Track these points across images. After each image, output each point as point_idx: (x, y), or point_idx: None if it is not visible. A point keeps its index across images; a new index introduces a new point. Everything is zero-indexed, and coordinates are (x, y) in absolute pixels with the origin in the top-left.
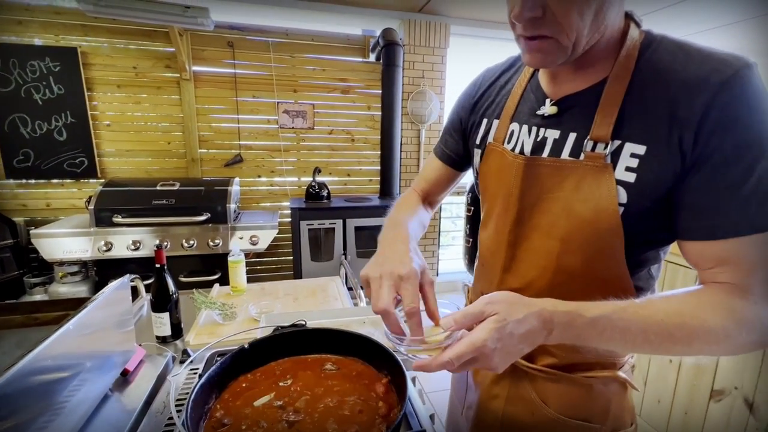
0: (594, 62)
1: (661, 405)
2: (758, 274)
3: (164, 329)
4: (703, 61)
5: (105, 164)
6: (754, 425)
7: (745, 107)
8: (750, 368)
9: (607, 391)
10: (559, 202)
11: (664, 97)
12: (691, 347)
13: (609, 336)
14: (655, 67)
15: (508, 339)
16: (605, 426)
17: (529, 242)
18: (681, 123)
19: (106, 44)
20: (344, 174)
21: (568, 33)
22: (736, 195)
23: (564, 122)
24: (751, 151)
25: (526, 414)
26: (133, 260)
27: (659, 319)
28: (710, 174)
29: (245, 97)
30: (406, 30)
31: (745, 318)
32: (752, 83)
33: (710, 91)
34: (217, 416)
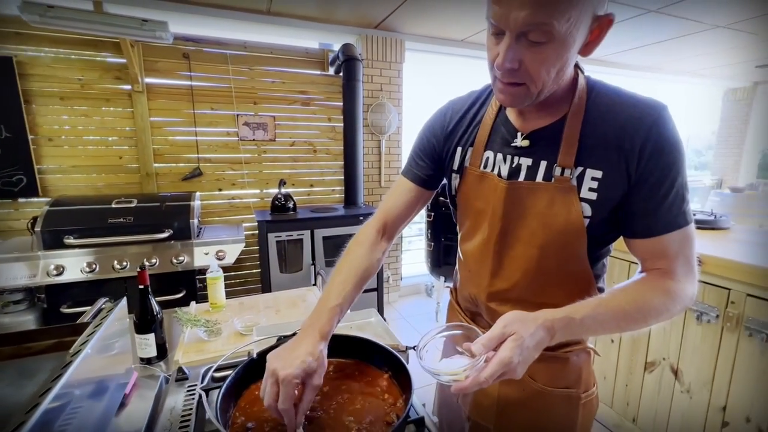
0: (554, 103)
1: (606, 381)
2: (679, 260)
3: (149, 350)
4: (634, 105)
5: (47, 182)
6: (679, 388)
7: (667, 140)
8: (674, 340)
9: (579, 361)
10: (537, 217)
11: (612, 132)
12: (647, 322)
13: (594, 329)
14: (600, 108)
15: (527, 351)
16: (579, 389)
17: (513, 251)
18: (626, 153)
19: (45, 54)
20: (307, 185)
21: (537, 83)
22: (664, 204)
23: (535, 152)
24: (672, 172)
25: (518, 390)
26: (89, 283)
27: (623, 308)
28: (647, 190)
29: (203, 109)
30: (363, 45)
31: (675, 294)
32: (669, 122)
33: (645, 129)
34: (239, 422)
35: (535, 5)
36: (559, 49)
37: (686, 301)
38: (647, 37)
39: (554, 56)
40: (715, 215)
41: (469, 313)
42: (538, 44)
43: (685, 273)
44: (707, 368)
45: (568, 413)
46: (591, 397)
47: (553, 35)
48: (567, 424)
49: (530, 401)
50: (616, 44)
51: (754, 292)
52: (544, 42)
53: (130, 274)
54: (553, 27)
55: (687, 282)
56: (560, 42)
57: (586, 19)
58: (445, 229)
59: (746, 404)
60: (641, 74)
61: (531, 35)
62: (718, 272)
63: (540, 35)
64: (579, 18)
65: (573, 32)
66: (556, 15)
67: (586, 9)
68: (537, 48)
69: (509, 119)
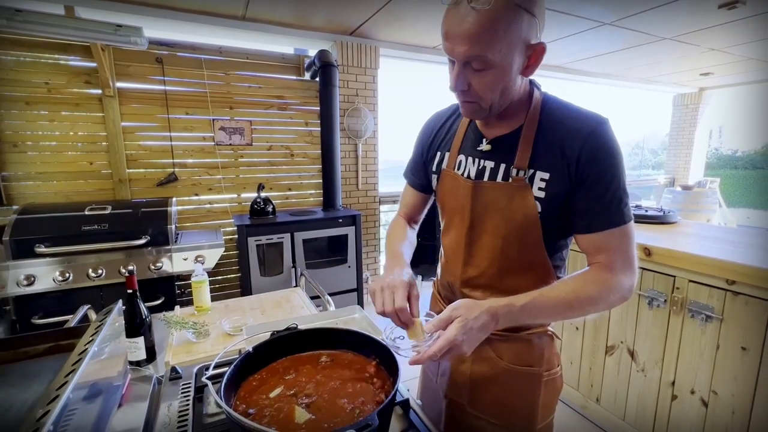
0: (512, 114)
1: (573, 365)
2: (618, 254)
3: (139, 354)
4: (577, 118)
5: (12, 189)
6: (635, 368)
7: (602, 149)
8: (630, 325)
9: (541, 343)
10: (499, 212)
11: (558, 140)
12: (584, 310)
13: (535, 315)
14: (551, 120)
15: (470, 332)
16: (542, 368)
17: (481, 242)
18: (568, 158)
19: (9, 57)
20: (285, 189)
21: (485, 101)
22: (601, 203)
23: (496, 156)
24: (607, 176)
25: (487, 369)
26: (62, 293)
27: (562, 298)
28: (586, 191)
29: (178, 114)
30: (339, 51)
31: (612, 285)
32: (606, 133)
33: (582, 138)
34: (241, 409)
35: (470, 42)
36: (498, 73)
37: (623, 292)
38: (603, 47)
39: (495, 80)
40: (664, 211)
41: (447, 300)
42: (480, 71)
43: (623, 266)
44: (658, 348)
45: (531, 389)
46: (554, 377)
47: (490, 63)
48: (530, 399)
49: (498, 378)
50: (575, 53)
51: (695, 278)
52: (484, 69)
53: (107, 282)
54: (487, 57)
55: (624, 274)
56: (498, 68)
57: (518, 49)
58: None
59: (691, 378)
60: (599, 80)
61: (473, 64)
62: (666, 261)
63: (479, 64)
64: (510, 48)
65: (507, 60)
66: (488, 48)
67: (515, 41)
68: (480, 73)
69: (477, 127)
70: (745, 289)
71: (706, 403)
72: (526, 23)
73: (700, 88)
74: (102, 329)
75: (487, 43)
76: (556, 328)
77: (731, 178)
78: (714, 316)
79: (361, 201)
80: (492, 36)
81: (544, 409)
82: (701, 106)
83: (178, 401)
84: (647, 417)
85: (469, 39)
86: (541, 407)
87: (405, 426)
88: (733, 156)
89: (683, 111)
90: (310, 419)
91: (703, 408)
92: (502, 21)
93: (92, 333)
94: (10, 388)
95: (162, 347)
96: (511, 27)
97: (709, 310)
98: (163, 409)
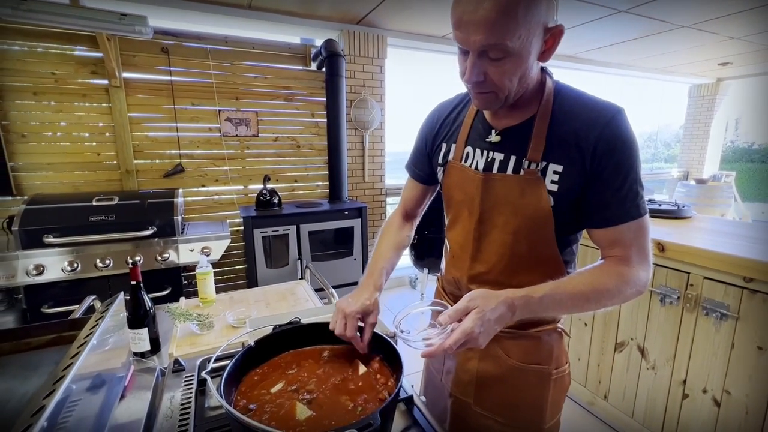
0: (523, 104)
1: (580, 361)
2: (634, 248)
3: (143, 345)
4: (592, 108)
5: (21, 179)
6: (645, 365)
7: (619, 139)
8: (640, 322)
9: (551, 340)
10: (509, 206)
11: (572, 132)
12: (601, 303)
13: (552, 308)
14: (565, 110)
15: (488, 323)
16: (551, 366)
17: (490, 237)
18: (583, 150)
19: (16, 47)
20: (291, 180)
21: (503, 90)
22: (618, 196)
23: (506, 148)
24: (624, 168)
25: (494, 367)
26: (70, 282)
27: (579, 290)
28: (602, 184)
29: (184, 104)
30: (345, 40)
31: (629, 278)
32: (623, 123)
33: (598, 129)
34: (242, 404)
35: (487, 30)
36: (516, 61)
37: (639, 285)
38: (617, 35)
39: (513, 68)
40: (678, 205)
41: (453, 296)
42: (498, 59)
43: (639, 259)
44: (669, 346)
45: (539, 388)
46: (562, 374)
47: (509, 51)
48: (539, 398)
49: (505, 376)
50: (588, 42)
51: (710, 275)
52: (502, 57)
53: (114, 272)
54: (506, 45)
55: (640, 268)
56: (516, 55)
57: (537, 33)
58: (428, 223)
59: (703, 377)
60: (612, 71)
61: (490, 53)
62: (679, 257)
63: (497, 53)
64: (529, 33)
65: (526, 46)
66: (507, 35)
67: (534, 25)
68: (497, 62)
69: (486, 118)
70: (763, 287)
71: (719, 403)
72: (545, 4)
73: (718, 78)
74: (102, 322)
75: (506, 30)
76: (564, 324)
77: (747, 171)
78: (729, 314)
79: (367, 193)
80: (512, 21)
81: (552, 408)
82: (718, 97)
83: (181, 393)
84: (657, 415)
85: (485, 26)
86: (550, 406)
87: (409, 423)
88: (749, 149)
89: (699, 102)
90: (311, 416)
91: (715, 407)
92: (521, 3)
93: (92, 325)
94: (12, 379)
95: (166, 338)
96: (530, 10)
97: (724, 308)
98: (165, 401)
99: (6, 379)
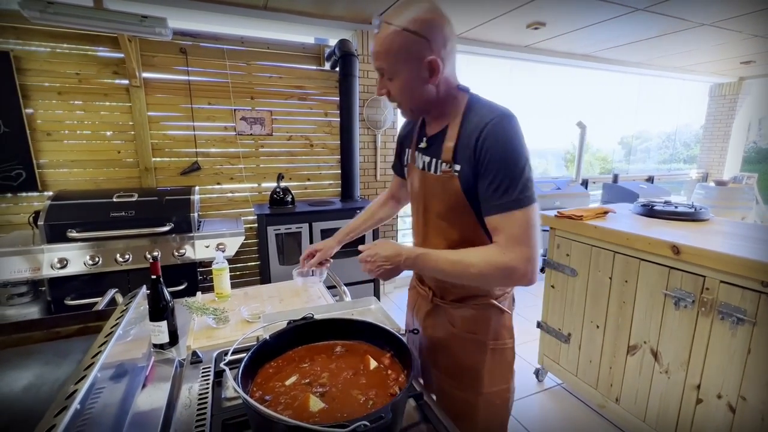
0: (442, 116)
1: (592, 364)
2: (506, 236)
3: (162, 337)
4: (483, 113)
5: (46, 176)
6: (658, 369)
7: (495, 140)
8: (654, 325)
9: (488, 313)
10: (437, 198)
11: (467, 135)
12: (468, 273)
13: (427, 265)
14: (470, 118)
15: (377, 256)
16: (488, 337)
17: (431, 223)
18: (472, 150)
19: (43, 49)
20: (304, 179)
21: (403, 103)
22: (495, 190)
23: (431, 152)
24: (497, 166)
25: (444, 334)
26: (92, 276)
27: (449, 258)
28: (483, 179)
29: (200, 104)
30: (359, 40)
31: (494, 261)
32: (501, 125)
33: (480, 131)
34: (257, 395)
35: (379, 58)
36: (402, 81)
37: (504, 270)
38: (635, 34)
39: (402, 86)
40: (695, 208)
41: (417, 276)
42: (390, 79)
43: (510, 248)
44: (684, 350)
45: (477, 354)
46: (503, 347)
47: (393, 74)
48: (477, 364)
49: (450, 343)
50: (604, 41)
51: (726, 279)
52: (392, 78)
53: (133, 266)
54: (392, 69)
55: (509, 255)
56: (400, 77)
57: (413, 63)
58: None
59: (718, 382)
60: (630, 69)
61: (386, 75)
62: (695, 261)
63: (388, 74)
64: (407, 63)
65: (406, 71)
66: (386, 66)
67: (409, 59)
68: (391, 82)
69: (424, 127)
70: None
71: (734, 409)
72: (416, 44)
73: (740, 77)
74: (127, 313)
75: (389, 60)
76: (506, 304)
77: None
78: (746, 319)
79: (379, 192)
80: (390, 55)
81: (491, 376)
82: (740, 96)
83: (198, 384)
84: (669, 420)
85: (375, 55)
86: (487, 373)
87: (418, 419)
88: None
89: (720, 102)
90: (324, 408)
91: (730, 413)
92: (394, 42)
93: (118, 316)
94: (44, 366)
95: (184, 331)
96: (403, 48)
97: (740, 312)
98: (184, 391)
99: (39, 365)
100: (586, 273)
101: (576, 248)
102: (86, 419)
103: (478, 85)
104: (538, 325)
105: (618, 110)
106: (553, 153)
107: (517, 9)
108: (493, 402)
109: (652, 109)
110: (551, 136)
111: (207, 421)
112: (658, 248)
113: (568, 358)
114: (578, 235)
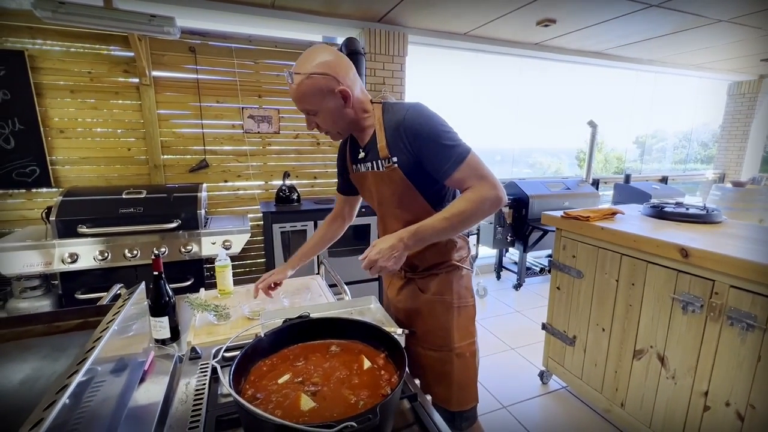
0: (367, 128)
1: (597, 368)
2: (471, 178)
3: (164, 332)
4: (395, 111)
5: (59, 172)
6: (665, 374)
7: (415, 121)
8: (661, 329)
9: (450, 276)
10: (388, 188)
11: (392, 130)
12: (464, 220)
13: (432, 231)
14: (389, 120)
15: (383, 250)
16: (451, 297)
17: (389, 212)
18: (400, 140)
19: (56, 48)
20: (311, 177)
21: (331, 129)
22: (441, 155)
23: (371, 157)
24: (431, 136)
25: (414, 300)
26: (101, 270)
27: (444, 216)
28: (426, 154)
29: (209, 102)
30: (366, 38)
31: (478, 197)
32: (416, 109)
33: (400, 123)
34: (249, 393)
35: (299, 102)
36: (325, 114)
37: (491, 198)
38: (649, 30)
39: (325, 117)
40: (707, 210)
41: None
42: (314, 114)
43: (479, 184)
44: (691, 355)
45: (446, 314)
46: (466, 305)
47: (314, 111)
48: (447, 322)
49: (421, 308)
50: (617, 38)
51: (736, 284)
52: (315, 114)
53: (141, 262)
54: (312, 108)
55: (482, 190)
56: (321, 111)
57: (327, 96)
58: None
59: (726, 389)
60: (644, 67)
61: (309, 112)
62: (704, 264)
63: (311, 111)
64: (322, 99)
65: (323, 105)
66: (308, 104)
67: (322, 95)
68: (315, 116)
69: (356, 142)
70: None
71: (743, 417)
72: (323, 81)
73: (760, 75)
74: (123, 309)
75: (306, 101)
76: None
77: None
78: (756, 325)
79: None
80: (306, 98)
81: (460, 332)
82: (760, 95)
83: (196, 380)
84: (675, 426)
85: (296, 100)
86: (456, 330)
87: (411, 420)
88: None
89: (739, 100)
90: (314, 408)
91: (738, 421)
92: (308, 86)
93: (115, 312)
94: (42, 360)
95: (186, 327)
96: (312, 88)
97: (751, 318)
98: (181, 386)
99: (37, 359)
100: (593, 275)
101: (582, 250)
102: (83, 412)
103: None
104: (543, 327)
105: (632, 108)
106: (567, 152)
107: (527, 6)
108: (463, 355)
109: (668, 107)
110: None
111: (202, 416)
112: (666, 251)
113: (573, 360)
114: (585, 237)
